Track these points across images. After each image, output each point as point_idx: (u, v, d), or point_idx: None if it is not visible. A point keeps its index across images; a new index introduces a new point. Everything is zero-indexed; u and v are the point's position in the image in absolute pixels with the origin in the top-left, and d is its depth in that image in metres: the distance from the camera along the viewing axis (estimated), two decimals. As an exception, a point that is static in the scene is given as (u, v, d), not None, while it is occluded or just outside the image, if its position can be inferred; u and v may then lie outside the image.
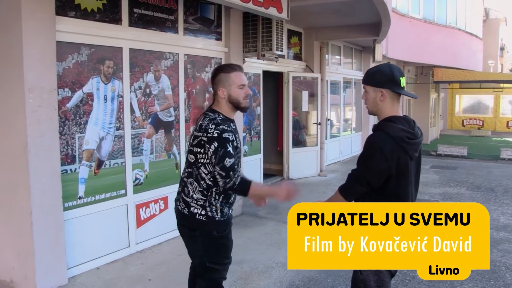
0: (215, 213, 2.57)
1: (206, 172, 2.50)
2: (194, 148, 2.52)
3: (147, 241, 4.84)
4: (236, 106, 2.61)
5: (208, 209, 2.55)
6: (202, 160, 2.49)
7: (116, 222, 4.51)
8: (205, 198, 2.55)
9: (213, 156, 2.43)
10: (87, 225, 4.21)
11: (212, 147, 2.42)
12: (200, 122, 2.54)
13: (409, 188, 2.30)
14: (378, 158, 2.19)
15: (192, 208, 2.57)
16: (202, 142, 2.46)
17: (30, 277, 3.70)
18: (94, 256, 4.29)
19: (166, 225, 5.02)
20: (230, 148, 2.44)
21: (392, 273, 2.39)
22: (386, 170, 2.19)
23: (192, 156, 2.55)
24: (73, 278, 4.03)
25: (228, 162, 2.42)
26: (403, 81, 2.30)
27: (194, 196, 2.56)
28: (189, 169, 2.58)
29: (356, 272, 2.37)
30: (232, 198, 2.68)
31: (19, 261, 3.77)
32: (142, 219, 4.80)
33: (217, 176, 2.46)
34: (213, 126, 2.45)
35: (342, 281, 4.01)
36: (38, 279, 3.68)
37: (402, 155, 2.21)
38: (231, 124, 2.60)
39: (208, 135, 2.44)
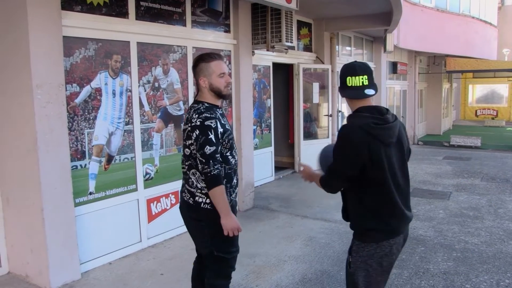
0: None
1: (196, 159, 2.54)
2: (186, 141, 2.60)
3: (158, 236, 4.84)
4: (218, 94, 2.66)
5: None
6: (194, 151, 2.54)
7: (127, 217, 4.51)
8: None
9: (195, 143, 2.50)
10: (98, 221, 4.21)
11: (194, 134, 2.50)
12: (187, 115, 2.64)
13: (387, 175, 2.22)
14: (348, 148, 2.21)
15: (197, 198, 2.63)
16: (189, 133, 2.55)
17: (44, 272, 3.72)
18: (106, 251, 4.30)
19: (178, 220, 4.96)
20: (211, 136, 2.49)
21: (383, 269, 2.29)
22: (358, 159, 2.18)
23: (187, 149, 2.61)
24: (86, 273, 4.04)
25: (208, 149, 2.47)
26: (353, 79, 2.36)
27: (198, 185, 2.62)
28: (189, 162, 2.64)
29: (346, 266, 2.38)
30: (234, 181, 2.70)
31: (33, 257, 3.80)
32: (153, 213, 4.79)
33: (198, 162, 2.51)
34: (196, 115, 2.53)
35: (356, 274, 3.96)
36: (52, 274, 3.70)
37: (372, 142, 2.18)
38: (217, 110, 2.65)
39: (192, 124, 2.53)
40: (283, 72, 8.82)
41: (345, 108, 10.86)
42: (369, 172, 2.19)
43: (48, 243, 3.65)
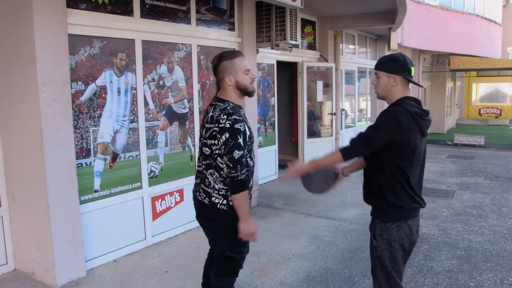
0: None
1: (223, 162, 2.49)
2: (208, 140, 2.51)
3: (163, 233, 4.85)
4: (244, 91, 2.61)
5: (230, 198, 2.54)
6: (217, 151, 2.49)
7: (132, 215, 4.53)
8: (226, 187, 2.54)
9: (223, 146, 2.44)
10: (103, 218, 4.23)
11: (223, 137, 2.43)
12: (211, 114, 2.53)
13: (414, 162, 2.37)
14: (392, 126, 2.28)
15: (213, 198, 2.56)
16: (214, 133, 2.46)
17: (50, 270, 3.74)
18: (111, 249, 4.31)
19: (182, 217, 5.03)
20: (240, 140, 2.44)
21: (404, 249, 2.44)
22: (396, 135, 2.28)
23: (207, 148, 2.54)
24: (91, 271, 4.05)
25: (237, 154, 2.43)
26: (413, 70, 2.46)
27: (216, 186, 2.55)
28: (207, 161, 2.57)
29: (371, 249, 2.50)
30: (250, 184, 2.66)
31: (39, 254, 3.82)
32: (158, 211, 4.81)
33: (224, 165, 2.46)
34: (225, 116, 2.45)
35: (360, 272, 3.97)
36: (58, 271, 3.72)
37: (416, 129, 2.32)
38: (241, 111, 2.61)
39: (220, 125, 2.44)
40: (287, 71, 8.82)
41: (348, 107, 10.86)
42: (401, 155, 2.32)
43: (54, 240, 3.67)
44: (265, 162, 7.55)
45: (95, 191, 4.16)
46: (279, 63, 7.89)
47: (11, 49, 3.67)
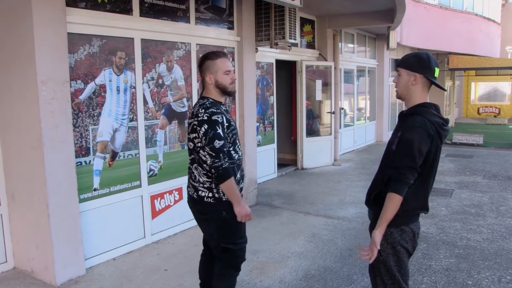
0: (222, 194, 2.67)
1: (205, 154, 2.59)
2: (190, 135, 2.66)
3: (162, 232, 4.86)
4: (223, 91, 2.74)
5: (215, 190, 2.67)
6: (199, 144, 2.61)
7: (131, 213, 4.54)
8: (210, 180, 2.66)
9: (204, 137, 2.56)
10: (103, 217, 4.23)
11: (203, 129, 2.56)
12: (192, 110, 2.72)
13: (431, 170, 2.34)
14: (425, 140, 2.22)
15: (200, 192, 2.69)
16: (195, 127, 2.61)
17: (49, 268, 3.75)
18: (111, 247, 4.32)
19: (181, 216, 5.03)
20: (219, 130, 2.57)
21: (409, 252, 2.43)
22: (424, 151, 2.24)
23: (190, 143, 2.68)
24: (91, 269, 4.06)
25: (218, 143, 2.55)
26: (437, 71, 2.35)
27: (201, 179, 2.68)
28: (192, 156, 2.72)
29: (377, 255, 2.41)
30: (238, 176, 2.74)
31: (38, 252, 3.82)
32: (157, 210, 4.82)
33: (207, 156, 2.56)
34: (203, 110, 2.61)
35: (358, 270, 3.98)
36: (57, 269, 3.72)
37: (436, 140, 2.27)
38: (221, 106, 2.74)
39: (199, 118, 2.59)
40: (286, 69, 8.82)
41: (347, 106, 10.87)
42: (422, 164, 2.26)
43: (53, 239, 3.68)
44: (264, 161, 7.56)
45: (95, 189, 4.17)
46: (278, 62, 7.89)
47: (11, 48, 3.68)
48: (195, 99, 5.24)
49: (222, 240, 2.72)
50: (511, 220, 5.42)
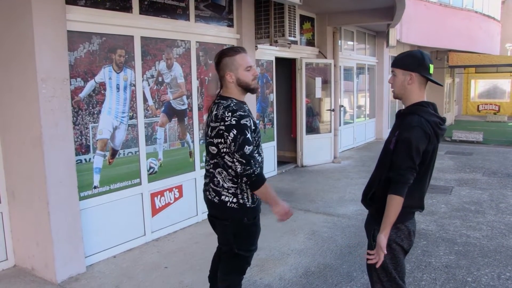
0: (246, 200, 2.54)
1: (231, 160, 2.45)
2: (214, 139, 2.47)
3: (162, 230, 4.87)
4: (246, 88, 2.56)
5: (240, 196, 2.53)
6: (224, 150, 2.45)
7: (131, 211, 4.54)
8: (236, 185, 2.52)
9: (232, 143, 2.38)
10: (103, 214, 4.24)
11: (231, 134, 2.38)
12: (215, 112, 2.48)
13: (427, 168, 2.34)
14: (423, 139, 2.22)
15: (223, 197, 2.53)
16: (221, 132, 2.41)
17: (50, 265, 3.76)
18: (111, 245, 4.33)
19: (181, 213, 5.04)
20: (249, 135, 2.39)
21: (405, 250, 2.42)
22: (421, 150, 2.24)
23: (213, 147, 2.50)
24: (91, 266, 4.07)
25: (248, 149, 2.38)
26: (432, 68, 2.35)
27: (225, 185, 2.53)
28: (215, 160, 2.54)
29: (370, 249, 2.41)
30: None
31: (39, 250, 3.83)
32: (157, 207, 4.82)
33: (237, 163, 2.41)
34: (229, 113, 2.40)
35: (358, 268, 3.99)
36: (58, 267, 3.73)
37: (434, 139, 2.27)
38: (245, 106, 2.56)
39: (226, 123, 2.39)
40: (286, 67, 8.82)
41: (346, 103, 10.87)
42: (419, 163, 2.26)
43: (54, 236, 3.68)
44: (264, 158, 7.54)
45: (95, 187, 4.18)
46: (278, 59, 7.89)
47: (11, 46, 3.68)
48: (195, 96, 5.24)
49: (237, 246, 2.60)
50: (511, 217, 5.43)
